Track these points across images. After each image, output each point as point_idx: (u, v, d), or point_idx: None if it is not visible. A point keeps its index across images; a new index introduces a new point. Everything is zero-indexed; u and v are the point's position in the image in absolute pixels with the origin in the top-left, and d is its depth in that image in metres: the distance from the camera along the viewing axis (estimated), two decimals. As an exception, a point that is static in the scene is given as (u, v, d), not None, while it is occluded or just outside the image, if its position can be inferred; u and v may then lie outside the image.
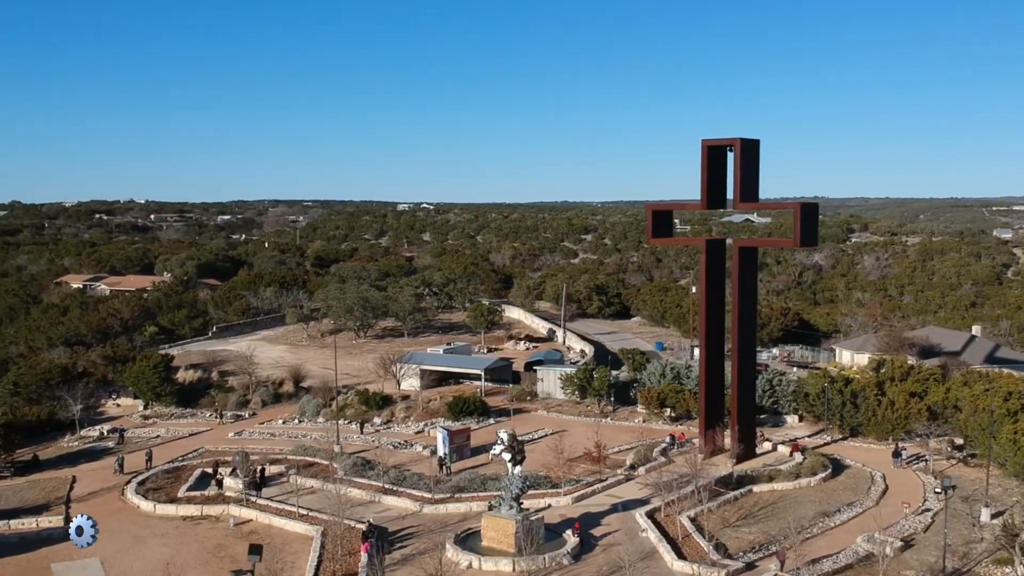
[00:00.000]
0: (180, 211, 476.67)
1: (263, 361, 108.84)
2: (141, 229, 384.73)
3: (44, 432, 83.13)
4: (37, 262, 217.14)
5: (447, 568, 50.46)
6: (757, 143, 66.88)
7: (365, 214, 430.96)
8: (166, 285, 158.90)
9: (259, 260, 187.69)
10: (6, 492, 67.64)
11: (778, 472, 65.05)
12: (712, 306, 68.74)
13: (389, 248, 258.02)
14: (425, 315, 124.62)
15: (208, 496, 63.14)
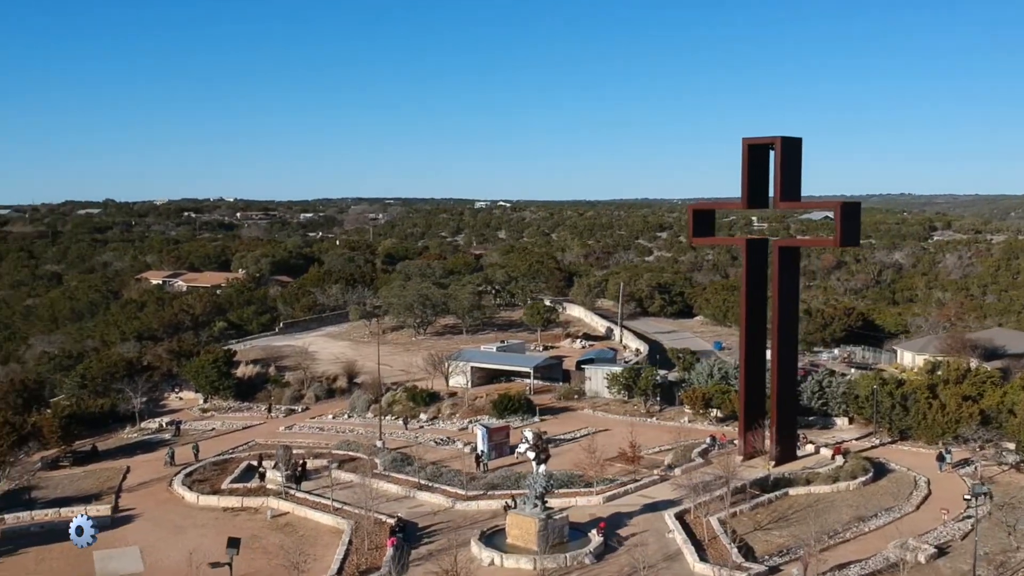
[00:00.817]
0: (265, 209, 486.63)
1: (324, 357, 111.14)
2: (227, 227, 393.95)
3: (106, 423, 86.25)
4: (122, 259, 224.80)
5: (470, 564, 51.25)
6: (799, 141, 66.07)
7: (443, 212, 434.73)
8: (239, 282, 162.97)
9: (329, 257, 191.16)
10: (64, 481, 70.57)
11: (816, 475, 64.21)
12: (753, 307, 68.12)
13: (458, 246, 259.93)
14: (484, 313, 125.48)
15: (250, 488, 64.95)
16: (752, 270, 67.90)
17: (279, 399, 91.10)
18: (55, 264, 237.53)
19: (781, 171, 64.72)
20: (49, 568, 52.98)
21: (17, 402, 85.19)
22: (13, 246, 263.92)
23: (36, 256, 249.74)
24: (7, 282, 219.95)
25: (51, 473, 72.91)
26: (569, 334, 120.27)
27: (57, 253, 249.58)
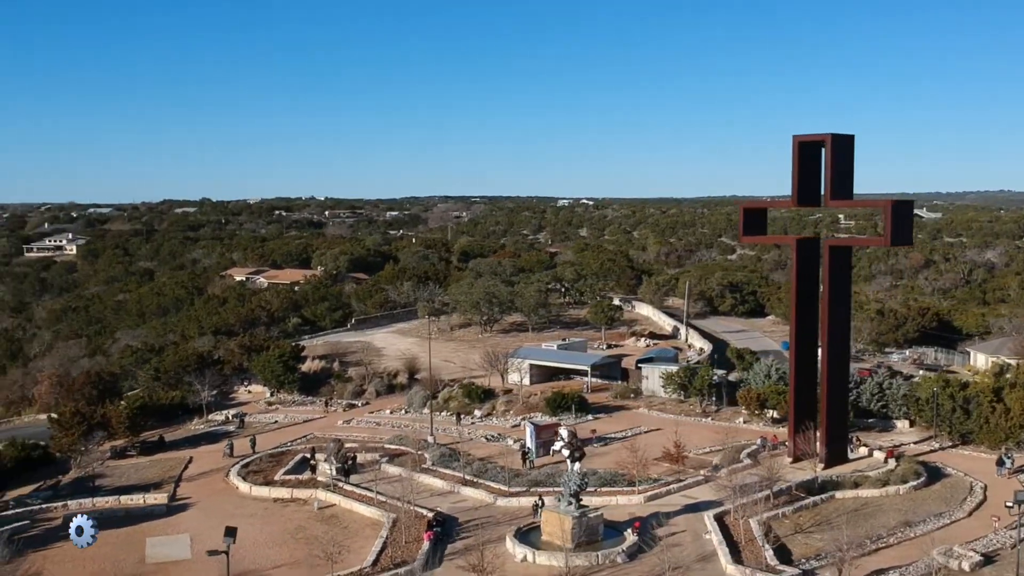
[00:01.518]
0: (352, 207, 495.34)
1: (390, 353, 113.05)
2: (315, 225, 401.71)
3: (176, 415, 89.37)
4: (210, 256, 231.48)
5: (503, 560, 51.96)
6: (851, 139, 64.99)
7: (525, 210, 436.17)
8: (316, 279, 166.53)
9: (405, 255, 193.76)
10: (129, 470, 73.50)
11: (864, 478, 63.10)
12: (804, 307, 67.20)
13: (533, 243, 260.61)
14: (549, 311, 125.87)
15: (301, 480, 66.71)
16: (802, 269, 66.99)
17: (341, 394, 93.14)
18: (148, 261, 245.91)
19: (832, 169, 63.77)
20: (102, 553, 55.22)
21: (92, 393, 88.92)
22: (110, 243, 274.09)
23: (131, 253, 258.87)
24: (102, 278, 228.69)
25: (119, 462, 76.02)
26: (635, 333, 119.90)
27: (150, 250, 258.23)
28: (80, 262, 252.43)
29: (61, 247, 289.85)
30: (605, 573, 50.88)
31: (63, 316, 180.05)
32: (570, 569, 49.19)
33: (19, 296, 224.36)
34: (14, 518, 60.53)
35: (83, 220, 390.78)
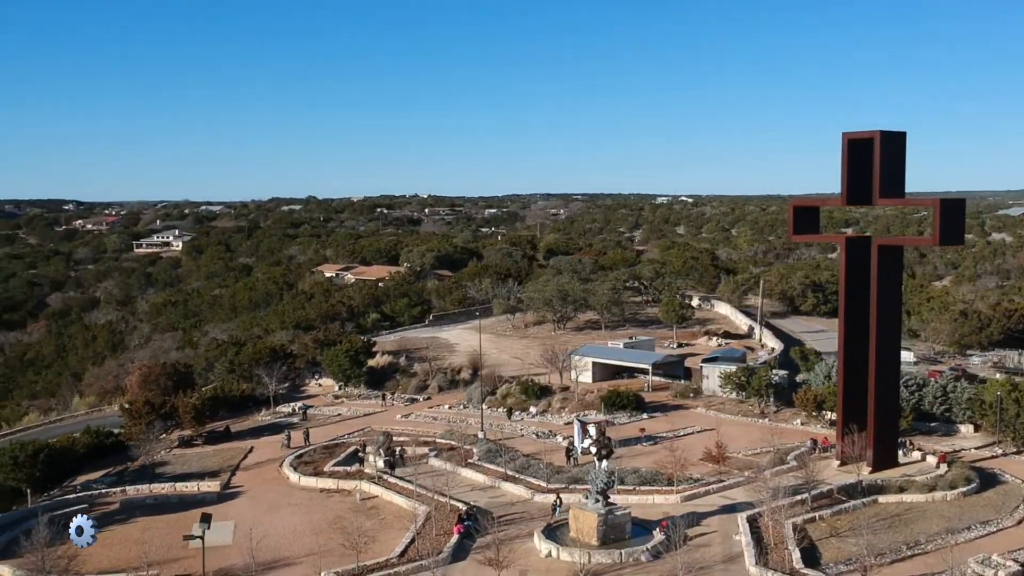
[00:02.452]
0: (452, 205, 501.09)
1: (462, 349, 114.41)
2: (413, 222, 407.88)
3: (246, 406, 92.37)
4: (305, 252, 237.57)
5: (528, 555, 52.68)
6: (902, 136, 63.51)
7: (622, 207, 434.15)
8: (400, 275, 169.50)
9: (489, 252, 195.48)
10: (192, 458, 76.52)
11: (910, 483, 61.58)
12: (853, 307, 65.88)
13: (620, 241, 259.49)
14: (623, 309, 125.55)
15: (348, 472, 68.47)
16: (852, 269, 65.67)
17: (405, 389, 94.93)
18: (248, 257, 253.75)
19: (880, 167, 62.46)
20: (151, 537, 57.79)
21: (168, 384, 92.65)
22: (213, 240, 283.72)
23: (232, 249, 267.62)
24: (203, 273, 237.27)
25: (185, 450, 79.20)
26: (708, 332, 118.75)
27: (251, 247, 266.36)
28: (184, 258, 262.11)
29: (168, 243, 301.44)
30: (628, 571, 51.08)
31: (162, 310, 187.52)
32: (583, 566, 49.44)
33: (126, 290, 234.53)
34: (75, 501, 63.83)
35: (193, 217, 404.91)
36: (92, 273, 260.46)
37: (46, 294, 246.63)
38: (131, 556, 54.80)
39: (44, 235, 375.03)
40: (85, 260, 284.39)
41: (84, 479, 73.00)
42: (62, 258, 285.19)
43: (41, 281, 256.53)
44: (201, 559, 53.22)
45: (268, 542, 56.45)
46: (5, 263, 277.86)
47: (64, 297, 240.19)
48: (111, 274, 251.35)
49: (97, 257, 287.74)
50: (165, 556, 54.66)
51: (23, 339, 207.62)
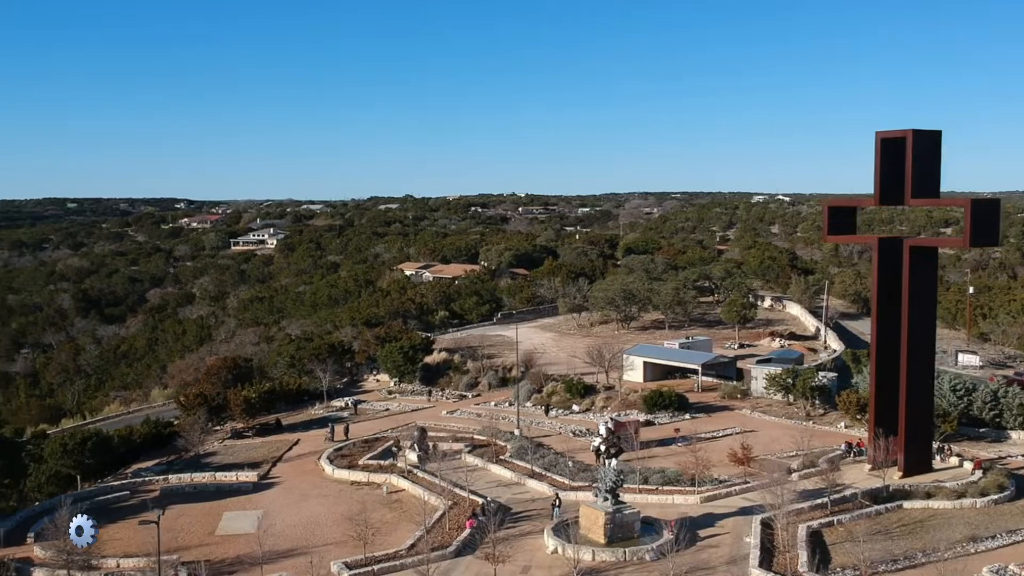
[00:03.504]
0: (546, 204, 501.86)
1: (524, 347, 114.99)
2: (504, 221, 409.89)
3: (303, 400, 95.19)
4: (390, 250, 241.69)
5: (536, 551, 53.40)
6: (936, 135, 61.98)
7: (717, 206, 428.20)
8: (475, 273, 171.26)
9: (565, 251, 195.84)
10: (241, 450, 79.35)
11: (939, 489, 60.06)
12: (886, 309, 64.50)
13: (703, 241, 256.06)
14: (686, 308, 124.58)
15: (381, 465, 70.15)
16: (884, 270, 64.30)
17: (456, 385, 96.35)
18: (337, 255, 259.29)
19: (913, 166, 61.11)
20: (183, 524, 60.53)
21: (227, 378, 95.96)
22: (305, 238, 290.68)
23: (323, 247, 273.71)
24: (293, 270, 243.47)
25: (236, 442, 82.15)
26: (773, 332, 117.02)
27: (340, 245, 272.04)
28: (277, 255, 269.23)
29: (263, 241, 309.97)
30: (630, 569, 51.29)
31: (249, 306, 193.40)
32: (577, 564, 49.80)
33: (220, 286, 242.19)
34: (119, 488, 67.03)
35: (292, 216, 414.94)
36: (190, 270, 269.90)
37: (146, 290, 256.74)
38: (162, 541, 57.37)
39: (151, 233, 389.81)
40: (184, 257, 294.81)
41: (139, 467, 76.53)
42: (163, 255, 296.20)
43: (142, 277, 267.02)
44: (228, 547, 55.68)
45: (290, 531, 58.52)
46: (110, 260, 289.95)
47: (162, 293, 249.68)
48: (207, 271, 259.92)
49: (195, 254, 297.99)
50: (190, 542, 57.19)
51: (121, 333, 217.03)
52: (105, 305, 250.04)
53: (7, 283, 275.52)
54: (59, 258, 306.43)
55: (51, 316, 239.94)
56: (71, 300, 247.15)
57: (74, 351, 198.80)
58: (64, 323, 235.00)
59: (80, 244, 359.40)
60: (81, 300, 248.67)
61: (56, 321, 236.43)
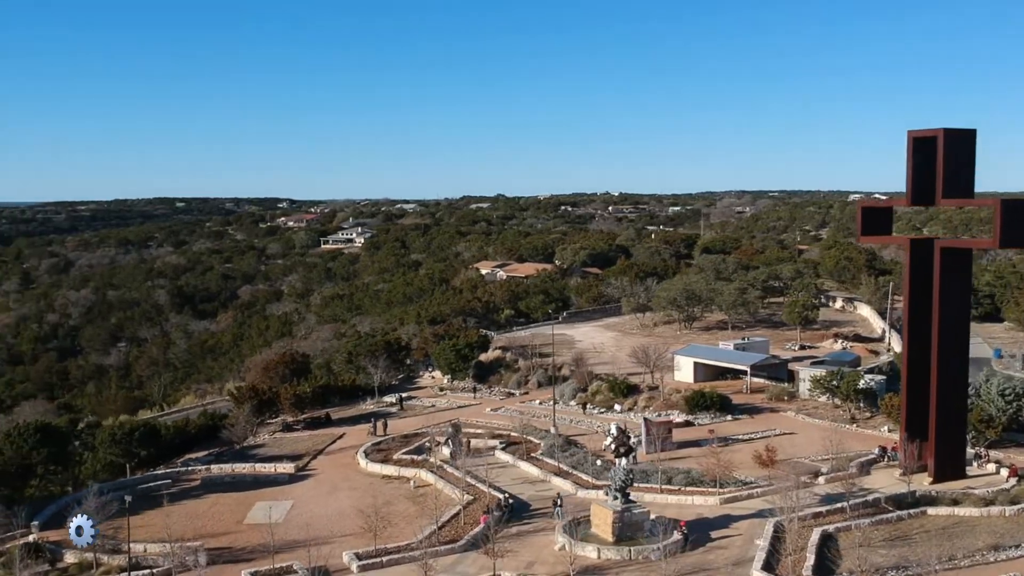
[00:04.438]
0: (636, 203, 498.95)
1: (584, 346, 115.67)
2: (587, 220, 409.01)
3: (356, 395, 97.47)
4: (470, 249, 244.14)
5: (544, 547, 54.14)
6: (970, 134, 60.50)
7: (810, 205, 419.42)
8: (546, 272, 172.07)
9: (638, 250, 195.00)
10: (288, 442, 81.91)
11: (966, 496, 58.62)
12: (918, 311, 63.18)
13: (783, 240, 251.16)
14: (749, 309, 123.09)
15: (414, 460, 71.67)
16: (916, 272, 63.00)
17: (506, 383, 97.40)
18: (420, 253, 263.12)
19: (944, 166, 59.78)
20: (215, 512, 63.05)
21: (284, 373, 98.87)
22: (391, 236, 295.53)
23: (407, 246, 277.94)
24: (376, 268, 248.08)
25: (285, 435, 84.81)
26: (837, 334, 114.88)
27: (424, 243, 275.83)
28: (363, 254, 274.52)
29: (351, 240, 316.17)
30: (632, 568, 51.58)
31: (329, 303, 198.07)
32: (574, 560, 50.26)
33: (307, 284, 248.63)
34: (162, 477, 70.03)
35: (383, 215, 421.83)
36: (279, 267, 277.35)
37: (238, 287, 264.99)
38: (191, 527, 59.94)
39: (249, 231, 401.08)
40: (276, 255, 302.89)
41: (190, 457, 79.69)
42: (255, 253, 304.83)
43: (234, 275, 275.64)
44: (252, 535, 57.84)
45: (314, 521, 60.39)
46: (205, 257, 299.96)
47: (252, 290, 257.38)
48: (296, 268, 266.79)
49: (286, 252, 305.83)
50: (218, 530, 59.55)
51: (211, 328, 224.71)
52: (199, 301, 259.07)
53: (109, 279, 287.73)
54: (159, 256, 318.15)
55: (147, 311, 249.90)
56: (167, 296, 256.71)
57: (164, 345, 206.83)
58: (159, 318, 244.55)
59: (182, 242, 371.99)
60: (176, 296, 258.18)
61: (152, 316, 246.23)
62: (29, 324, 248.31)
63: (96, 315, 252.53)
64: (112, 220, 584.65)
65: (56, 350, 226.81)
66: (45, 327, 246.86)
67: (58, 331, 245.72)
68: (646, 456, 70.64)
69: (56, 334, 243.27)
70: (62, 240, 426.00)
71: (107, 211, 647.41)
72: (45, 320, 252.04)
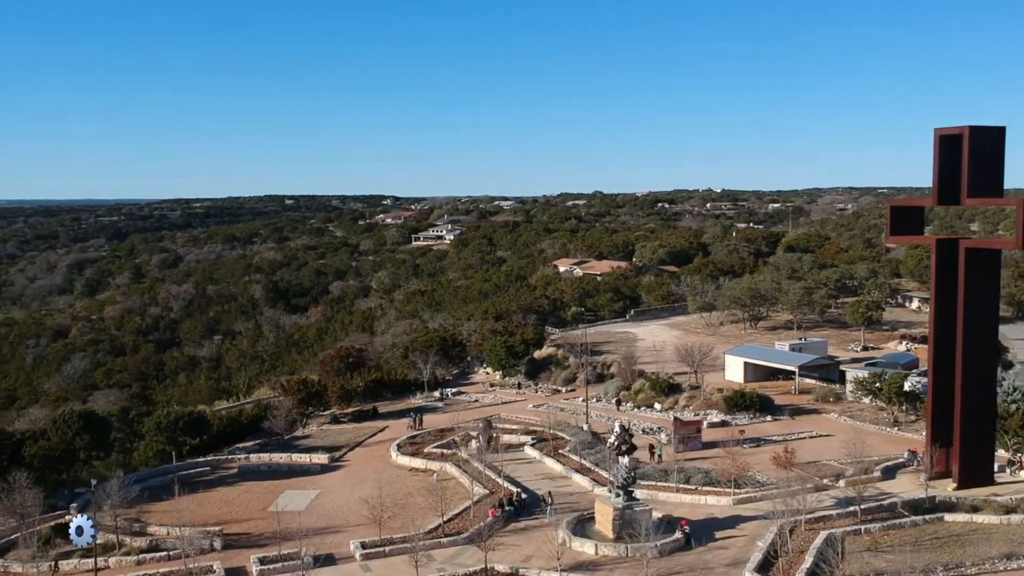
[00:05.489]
0: (735, 200, 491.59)
1: (645, 344, 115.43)
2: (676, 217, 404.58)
3: (408, 390, 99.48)
4: (553, 246, 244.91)
5: (545, 542, 54.81)
6: (998, 132, 58.75)
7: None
8: (620, 270, 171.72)
9: (716, 248, 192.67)
10: (332, 434, 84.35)
11: (987, 503, 57.00)
12: (943, 314, 61.59)
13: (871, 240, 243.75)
14: (814, 308, 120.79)
15: (443, 454, 73.03)
16: (943, 273, 61.42)
17: (556, 380, 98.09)
18: (506, 250, 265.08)
19: (969, 164, 58.20)
20: (244, 499, 65.58)
21: (340, 367, 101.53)
22: (479, 234, 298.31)
23: (494, 243, 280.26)
24: (461, 265, 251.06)
25: (332, 427, 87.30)
26: (904, 335, 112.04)
27: (510, 240, 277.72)
28: (451, 251, 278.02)
29: (441, 237, 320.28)
30: (626, 565, 51.79)
31: (411, 299, 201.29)
32: (560, 555, 50.72)
33: (394, 279, 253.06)
34: (204, 464, 73.05)
35: (477, 212, 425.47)
36: (370, 263, 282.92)
37: (329, 282, 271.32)
38: (217, 513, 62.66)
39: (349, 228, 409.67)
40: (368, 252, 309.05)
41: (239, 446, 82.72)
42: (348, 250, 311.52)
43: (327, 270, 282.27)
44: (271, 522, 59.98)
45: (334, 511, 62.39)
46: (301, 254, 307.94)
47: (343, 285, 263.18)
48: (385, 264, 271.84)
49: (377, 249, 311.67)
50: (241, 516, 61.98)
51: (300, 322, 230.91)
52: (292, 296, 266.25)
53: (209, 274, 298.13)
54: (258, 252, 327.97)
55: (243, 305, 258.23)
56: (262, 291, 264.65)
57: (254, 338, 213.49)
58: (254, 312, 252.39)
59: (285, 239, 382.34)
60: (271, 291, 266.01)
61: (247, 310, 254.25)
62: (133, 316, 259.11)
63: (195, 309, 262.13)
64: (224, 217, 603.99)
65: (155, 342, 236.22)
66: (148, 319, 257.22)
67: (159, 323, 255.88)
68: (674, 455, 70.71)
69: (157, 326, 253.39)
70: (172, 236, 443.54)
71: (220, 208, 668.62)
72: (148, 313, 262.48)
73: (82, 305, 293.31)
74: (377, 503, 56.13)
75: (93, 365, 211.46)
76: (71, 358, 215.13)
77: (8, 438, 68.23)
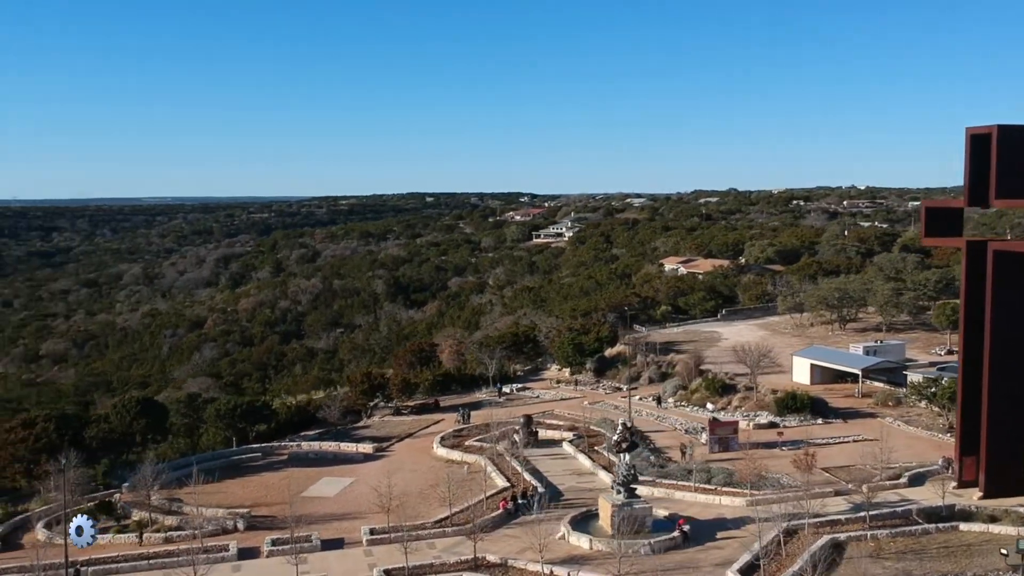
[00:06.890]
0: (873, 197, 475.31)
1: (726, 344, 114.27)
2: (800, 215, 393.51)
3: (476, 384, 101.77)
4: (667, 244, 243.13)
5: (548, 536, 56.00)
6: (1029, 128, 56.53)
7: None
8: (723, 269, 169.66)
9: (824, 248, 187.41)
10: (391, 425, 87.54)
11: (1006, 513, 55.08)
12: (973, 319, 59.64)
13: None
14: (902, 310, 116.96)
15: (482, 447, 74.89)
16: (973, 277, 59.47)
17: (620, 378, 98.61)
18: (621, 248, 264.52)
19: (998, 163, 56.31)
20: (283, 484, 68.93)
21: (412, 361, 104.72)
22: (597, 231, 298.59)
23: (611, 240, 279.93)
24: (575, 262, 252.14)
25: (393, 418, 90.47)
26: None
27: (627, 238, 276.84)
28: (568, 248, 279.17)
29: (561, 234, 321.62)
30: (615, 560, 52.32)
31: (519, 295, 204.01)
32: (542, 548, 51.62)
33: (510, 276, 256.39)
34: (256, 450, 77.16)
35: (604, 210, 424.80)
36: (488, 260, 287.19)
37: (448, 278, 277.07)
38: (254, 496, 66.34)
39: (478, 226, 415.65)
40: (488, 248, 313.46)
41: (302, 433, 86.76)
42: (469, 247, 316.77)
43: (447, 266, 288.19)
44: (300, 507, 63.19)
45: (360, 498, 65.04)
46: (424, 250, 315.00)
47: (461, 281, 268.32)
48: (503, 261, 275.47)
49: (497, 246, 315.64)
50: (274, 500, 65.35)
51: (416, 317, 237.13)
52: (412, 291, 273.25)
53: (337, 269, 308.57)
54: (384, 248, 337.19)
55: (365, 300, 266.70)
56: (384, 286, 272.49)
57: (369, 331, 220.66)
58: (375, 306, 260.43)
59: (416, 235, 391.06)
60: (392, 286, 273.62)
61: (368, 304, 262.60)
62: (263, 309, 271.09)
63: (321, 302, 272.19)
64: (367, 214, 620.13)
65: (281, 334, 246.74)
66: (277, 312, 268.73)
67: (287, 316, 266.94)
68: (707, 455, 70.70)
69: (285, 318, 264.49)
70: (312, 232, 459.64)
71: (364, 205, 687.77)
72: (278, 306, 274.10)
73: (221, 298, 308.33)
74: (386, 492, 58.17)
75: (221, 354, 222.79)
76: (202, 348, 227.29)
77: (71, 420, 73.82)
